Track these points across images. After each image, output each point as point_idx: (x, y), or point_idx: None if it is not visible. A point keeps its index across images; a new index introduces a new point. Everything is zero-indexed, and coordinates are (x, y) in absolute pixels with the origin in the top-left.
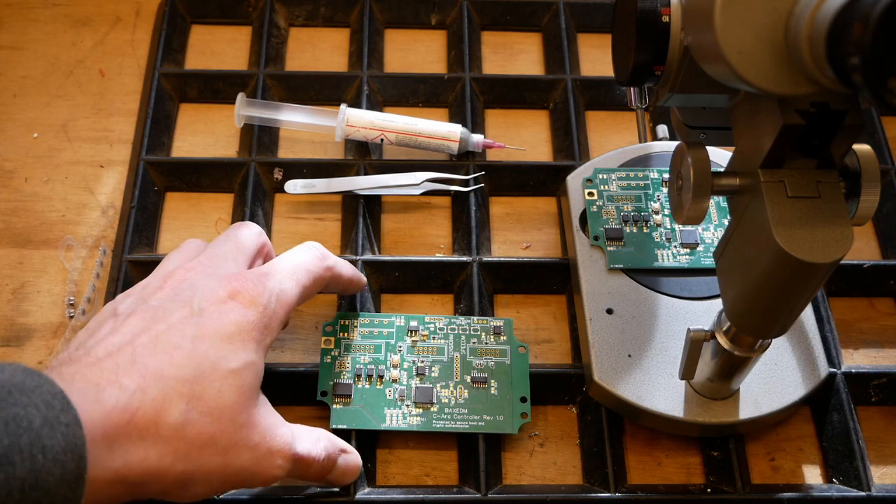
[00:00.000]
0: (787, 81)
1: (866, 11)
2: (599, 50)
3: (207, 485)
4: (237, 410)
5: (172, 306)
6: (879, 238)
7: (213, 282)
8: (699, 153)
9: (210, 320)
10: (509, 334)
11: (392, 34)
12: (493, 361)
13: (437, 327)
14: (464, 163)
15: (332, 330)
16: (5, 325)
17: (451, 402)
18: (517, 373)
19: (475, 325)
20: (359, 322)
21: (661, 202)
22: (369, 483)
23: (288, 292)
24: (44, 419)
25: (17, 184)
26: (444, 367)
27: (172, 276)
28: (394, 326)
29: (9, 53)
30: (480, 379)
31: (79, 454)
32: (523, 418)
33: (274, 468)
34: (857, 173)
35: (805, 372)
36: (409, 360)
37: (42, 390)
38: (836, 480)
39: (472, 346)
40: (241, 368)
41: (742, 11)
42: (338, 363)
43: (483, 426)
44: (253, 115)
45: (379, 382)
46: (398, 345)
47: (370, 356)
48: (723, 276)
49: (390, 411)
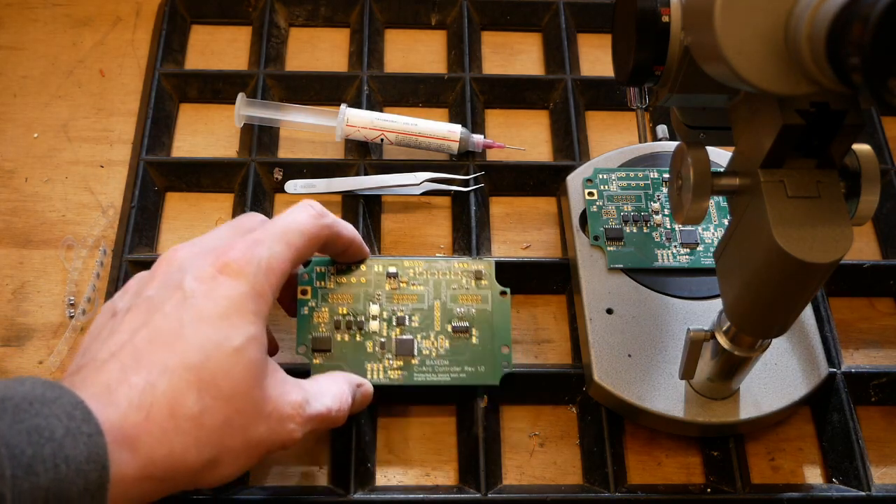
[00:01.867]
0: (787, 81)
1: (866, 11)
2: (599, 50)
3: (234, 464)
4: (248, 387)
5: (165, 294)
6: (879, 238)
7: (201, 259)
8: (699, 153)
9: (203, 301)
10: (490, 278)
11: (392, 34)
12: (475, 308)
13: (416, 272)
14: (464, 163)
15: (308, 279)
16: (5, 325)
17: (432, 353)
18: (499, 320)
19: (455, 269)
20: (335, 269)
21: (661, 202)
22: (369, 483)
23: (278, 256)
24: (66, 429)
25: (17, 184)
26: (425, 316)
27: (162, 263)
28: (371, 273)
29: (9, 53)
30: (462, 328)
31: (101, 463)
32: (505, 368)
33: (289, 432)
34: (857, 173)
35: (805, 372)
36: (389, 310)
37: (63, 401)
38: (836, 480)
39: (452, 292)
40: (244, 344)
41: (742, 11)
42: (315, 315)
43: (465, 377)
44: (253, 115)
45: (358, 335)
46: (376, 293)
47: (348, 306)
48: (723, 276)
49: (371, 365)
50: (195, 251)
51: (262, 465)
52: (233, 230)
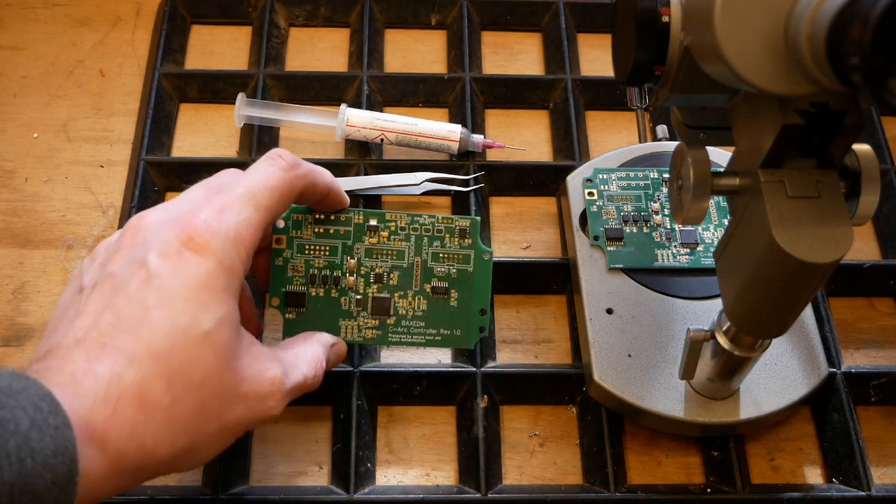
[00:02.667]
0: (787, 81)
1: (866, 11)
2: (599, 50)
3: (211, 446)
4: (220, 371)
5: (129, 271)
6: (879, 238)
7: (165, 230)
8: (699, 153)
9: (168, 280)
10: (475, 237)
11: (392, 34)
12: (456, 269)
13: (397, 226)
14: (464, 163)
15: (283, 227)
16: (5, 325)
17: (408, 313)
18: (479, 282)
19: (439, 226)
20: (313, 218)
21: (661, 202)
22: (369, 483)
23: (246, 223)
24: (31, 422)
25: (17, 184)
26: (404, 274)
27: (127, 231)
28: (351, 224)
29: (9, 53)
30: (440, 289)
31: (69, 456)
32: (481, 332)
33: (268, 409)
34: (857, 173)
35: (805, 372)
36: (367, 265)
37: (29, 392)
38: (836, 480)
39: (434, 250)
40: (213, 328)
41: (742, 11)
42: (290, 266)
43: (440, 340)
44: (253, 115)
45: (334, 290)
46: (356, 246)
47: (325, 259)
48: (723, 276)
49: (345, 322)
50: (161, 218)
51: (262, 466)
52: (206, 190)
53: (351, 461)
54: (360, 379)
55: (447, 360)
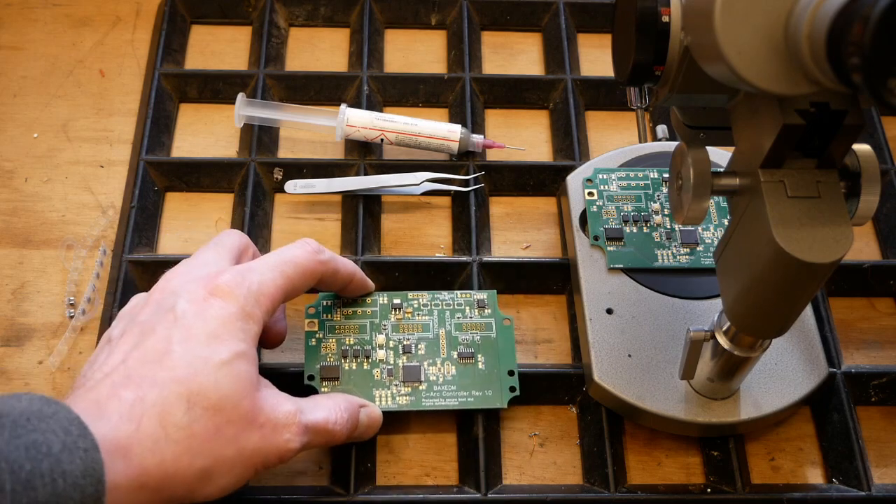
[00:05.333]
0: (787, 81)
1: (866, 11)
2: (599, 50)
3: (229, 476)
4: (238, 398)
5: (158, 318)
6: (879, 238)
7: (193, 284)
8: (699, 153)
9: (193, 321)
10: (493, 307)
11: (392, 34)
12: (479, 336)
13: (420, 304)
14: (464, 163)
15: (314, 312)
16: (5, 325)
17: (439, 379)
18: (503, 346)
19: (459, 300)
20: (342, 302)
21: (661, 202)
22: (369, 483)
23: (269, 282)
24: (63, 444)
25: (17, 184)
26: (430, 344)
27: (155, 290)
28: (377, 305)
29: (9, 53)
30: (467, 354)
31: (97, 478)
32: (512, 392)
33: (285, 442)
34: (857, 173)
35: (805, 372)
36: (395, 339)
37: (59, 416)
38: (836, 480)
39: (456, 321)
40: (231, 359)
41: (742, 11)
42: (323, 346)
43: (472, 402)
44: (253, 115)
45: (366, 363)
46: (382, 323)
47: (355, 337)
48: (723, 276)
49: (379, 392)
50: (188, 278)
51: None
52: (217, 253)
53: (351, 461)
54: None
55: None
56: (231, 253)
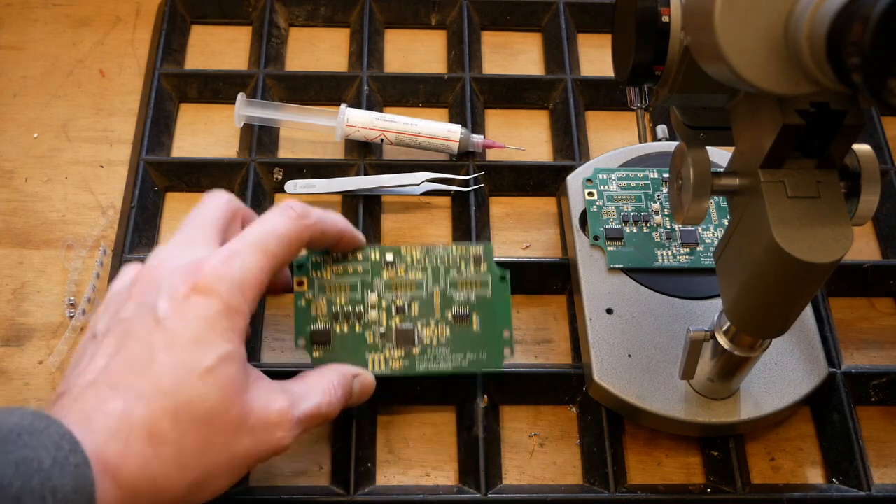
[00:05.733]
0: (787, 81)
1: (866, 12)
2: (599, 50)
3: (223, 480)
4: (227, 405)
5: (139, 317)
6: (879, 238)
7: (175, 277)
8: (699, 153)
9: (175, 323)
10: (489, 261)
11: (392, 34)
12: (475, 294)
13: (414, 259)
14: (464, 163)
15: (304, 270)
16: (5, 325)
17: (433, 342)
18: (499, 305)
19: (454, 254)
20: (331, 259)
21: (661, 202)
22: (369, 483)
23: (254, 268)
24: (53, 460)
25: (17, 184)
26: (424, 304)
27: (139, 281)
28: (369, 262)
29: (9, 53)
30: (462, 315)
31: (88, 494)
32: (507, 353)
33: (277, 440)
34: (857, 173)
35: (805, 372)
36: (387, 298)
37: (50, 431)
38: (836, 480)
39: (451, 279)
40: (216, 364)
41: (742, 11)
42: (313, 307)
43: (467, 365)
44: (253, 115)
45: (358, 325)
46: (375, 281)
47: (346, 296)
48: (723, 276)
49: (372, 355)
50: (171, 266)
51: (262, 466)
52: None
53: (351, 461)
54: None
55: None
56: (219, 226)
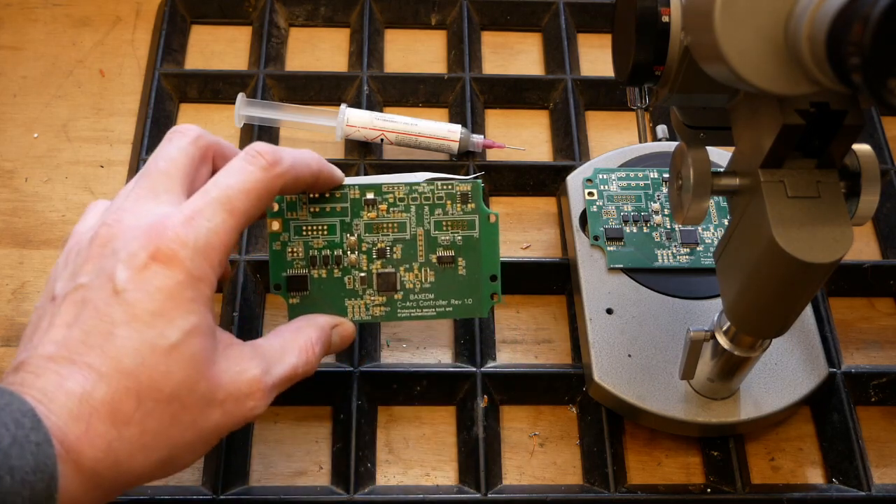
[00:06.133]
0: (787, 81)
1: (866, 12)
2: (599, 50)
3: (189, 454)
4: (193, 382)
5: (98, 284)
6: (879, 238)
7: (134, 241)
8: (699, 153)
9: (136, 295)
10: (478, 200)
11: (392, 34)
12: (461, 235)
13: (396, 197)
14: (464, 163)
15: (278, 210)
16: (5, 325)
17: (416, 286)
18: (487, 247)
19: (439, 192)
20: (308, 198)
21: (661, 202)
22: (369, 483)
23: (219, 229)
24: (13, 438)
25: (17, 184)
26: (407, 246)
27: (97, 238)
28: (347, 200)
29: (9, 53)
30: (447, 258)
31: (49, 474)
32: (493, 300)
33: (250, 409)
34: (857, 173)
35: (805, 372)
36: (368, 241)
37: (11, 408)
38: (836, 480)
39: (436, 219)
40: (181, 339)
41: (742, 11)
42: (289, 249)
43: (451, 311)
44: (253, 115)
45: (336, 270)
46: (354, 222)
47: (324, 238)
48: (722, 276)
49: (351, 302)
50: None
51: (262, 466)
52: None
53: (351, 461)
54: (360, 379)
55: (447, 359)
56: (184, 172)
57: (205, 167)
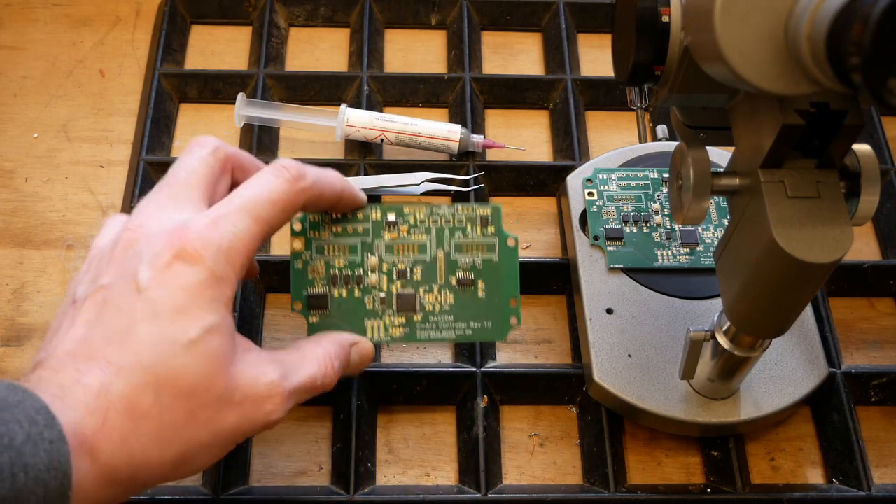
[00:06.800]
0: (787, 81)
1: (866, 11)
2: (599, 50)
3: (206, 455)
4: (211, 379)
5: (120, 285)
6: (879, 238)
7: (158, 243)
8: (699, 153)
9: (158, 293)
10: (497, 224)
11: (392, 34)
12: (481, 258)
13: (417, 219)
14: (464, 163)
15: (301, 229)
16: (5, 325)
17: (435, 308)
18: (506, 270)
19: (459, 215)
20: (330, 218)
21: (661, 202)
22: (369, 483)
23: (242, 234)
24: (27, 436)
25: (17, 184)
26: (427, 268)
27: (119, 242)
28: (369, 221)
29: (9, 53)
30: (467, 280)
31: (63, 471)
32: (512, 324)
33: (266, 414)
34: (857, 173)
35: (805, 372)
36: (389, 261)
37: (25, 405)
38: (836, 480)
39: (456, 241)
40: (201, 336)
41: (742, 11)
42: (310, 269)
43: (471, 334)
44: (253, 115)
45: (357, 290)
46: (375, 243)
47: (345, 259)
48: (722, 277)
49: (371, 322)
50: (153, 230)
51: (262, 466)
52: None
53: (351, 461)
54: (360, 379)
55: (447, 360)
56: (206, 182)
57: (224, 178)
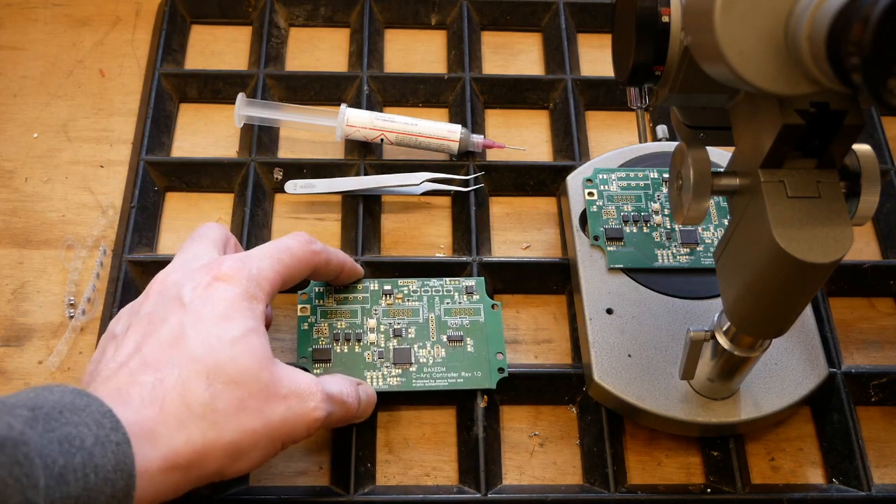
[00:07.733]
0: (787, 81)
1: (866, 11)
2: (599, 50)
3: (257, 449)
4: (257, 370)
5: (164, 307)
6: (879, 238)
7: (195, 273)
8: (699, 153)
9: (201, 305)
10: (481, 293)
11: (392, 34)
12: (468, 320)
13: (410, 290)
14: (464, 163)
15: (307, 298)
16: (5, 325)
17: (429, 361)
18: (492, 329)
19: (448, 286)
20: (334, 289)
21: (661, 202)
22: (369, 483)
23: (268, 268)
24: (95, 438)
25: (17, 184)
26: (420, 328)
27: (155, 284)
28: (368, 291)
29: (9, 53)
30: (456, 337)
31: (128, 472)
32: (500, 373)
33: (311, 410)
34: (857, 173)
35: (805, 372)
36: (386, 323)
37: (92, 409)
38: (836, 480)
39: (446, 307)
40: (243, 335)
41: (742, 11)
42: (315, 329)
43: (462, 382)
44: (253, 115)
45: (357, 346)
46: (374, 308)
47: (347, 321)
48: (723, 277)
49: (370, 373)
50: (187, 270)
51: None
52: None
53: (351, 461)
54: None
55: None
56: (217, 245)
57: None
